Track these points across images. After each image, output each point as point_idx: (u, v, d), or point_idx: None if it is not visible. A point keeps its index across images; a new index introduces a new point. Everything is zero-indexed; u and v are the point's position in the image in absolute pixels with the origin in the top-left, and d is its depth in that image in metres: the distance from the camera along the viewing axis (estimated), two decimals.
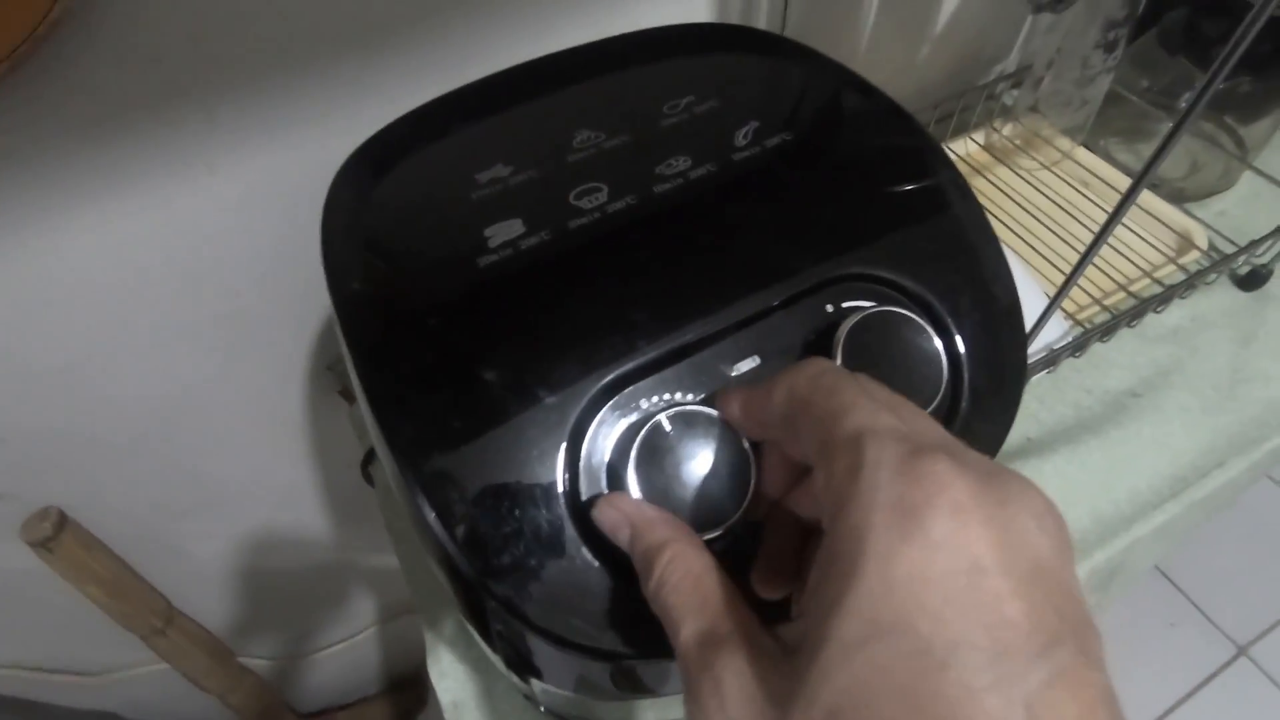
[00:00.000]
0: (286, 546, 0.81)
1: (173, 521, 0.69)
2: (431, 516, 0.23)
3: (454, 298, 0.25)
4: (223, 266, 0.50)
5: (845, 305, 0.27)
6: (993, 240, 0.29)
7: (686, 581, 0.20)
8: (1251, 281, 0.66)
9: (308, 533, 0.81)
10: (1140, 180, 0.39)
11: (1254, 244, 0.61)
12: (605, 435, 0.24)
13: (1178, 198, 0.71)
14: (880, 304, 0.26)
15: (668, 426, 0.24)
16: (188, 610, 0.81)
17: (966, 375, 0.27)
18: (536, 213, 0.27)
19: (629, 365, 0.25)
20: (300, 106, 0.43)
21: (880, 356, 0.25)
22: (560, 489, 0.24)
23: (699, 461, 0.23)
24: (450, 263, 0.26)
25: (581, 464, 0.24)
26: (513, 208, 0.27)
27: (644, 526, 0.22)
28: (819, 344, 0.26)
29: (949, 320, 0.27)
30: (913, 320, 0.26)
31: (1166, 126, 0.77)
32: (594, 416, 0.24)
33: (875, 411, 0.19)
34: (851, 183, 0.30)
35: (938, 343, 0.26)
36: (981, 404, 0.27)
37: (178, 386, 0.55)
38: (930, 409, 0.25)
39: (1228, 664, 1.27)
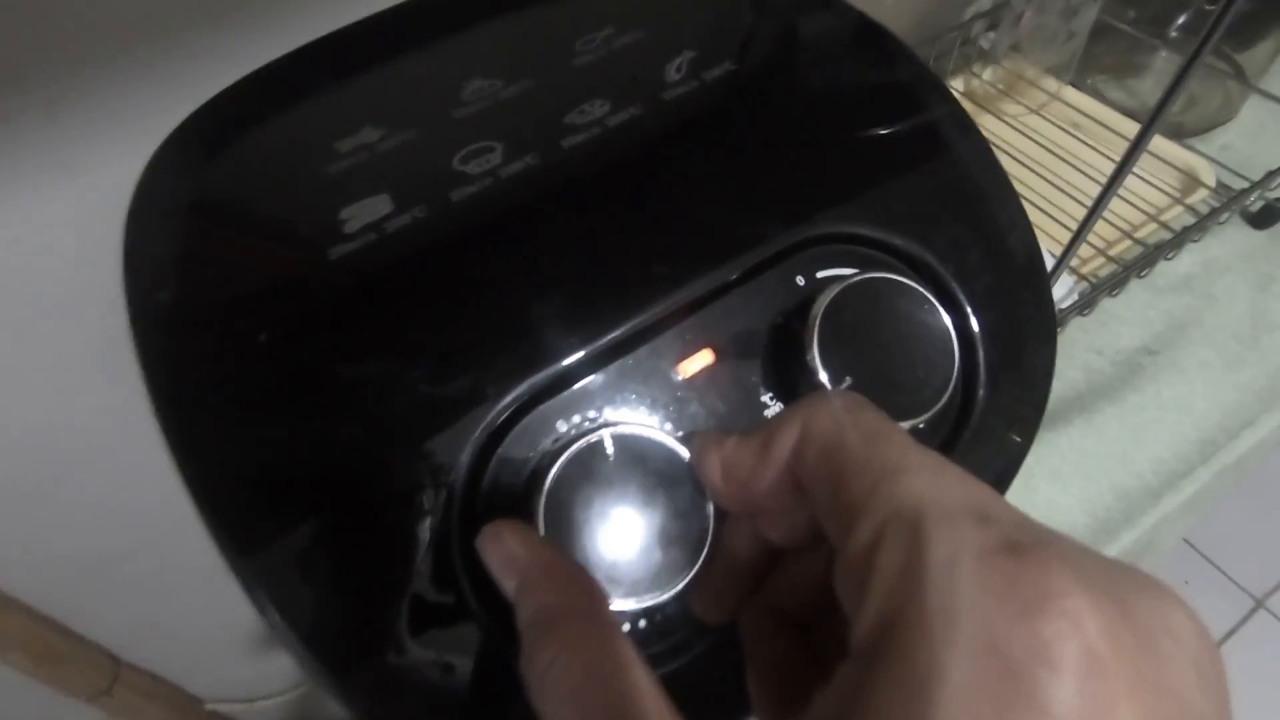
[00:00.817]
0: None
1: (105, 568, 0.63)
2: (276, 619, 0.16)
3: (294, 304, 0.19)
4: (106, 284, 0.43)
5: (820, 275, 0.21)
6: (1003, 182, 0.23)
7: (589, 690, 0.13)
8: (1266, 218, 0.60)
9: None
10: (1152, 122, 0.34)
11: (1270, 176, 0.55)
12: (510, 481, 0.18)
13: (1176, 133, 0.65)
14: (865, 270, 0.20)
15: (595, 453, 0.17)
16: (140, 661, 0.74)
17: (982, 354, 0.21)
18: (409, 184, 0.21)
19: (535, 378, 0.18)
20: (164, 91, 0.36)
21: (870, 339, 0.19)
22: (459, 564, 0.18)
23: (633, 505, 0.17)
24: (293, 258, 0.20)
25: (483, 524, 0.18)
26: (380, 180, 0.21)
27: (535, 577, 0.15)
28: (790, 329, 0.20)
29: (955, 286, 0.21)
30: (909, 288, 0.19)
31: (1158, 58, 0.71)
32: (490, 459, 0.18)
33: (938, 473, 0.13)
34: (818, 120, 0.23)
35: (944, 315, 0.20)
36: (1004, 389, 0.21)
37: (77, 420, 0.48)
38: (942, 402, 0.19)
39: (1246, 618, 1.24)
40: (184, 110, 0.36)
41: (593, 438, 0.17)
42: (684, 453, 0.17)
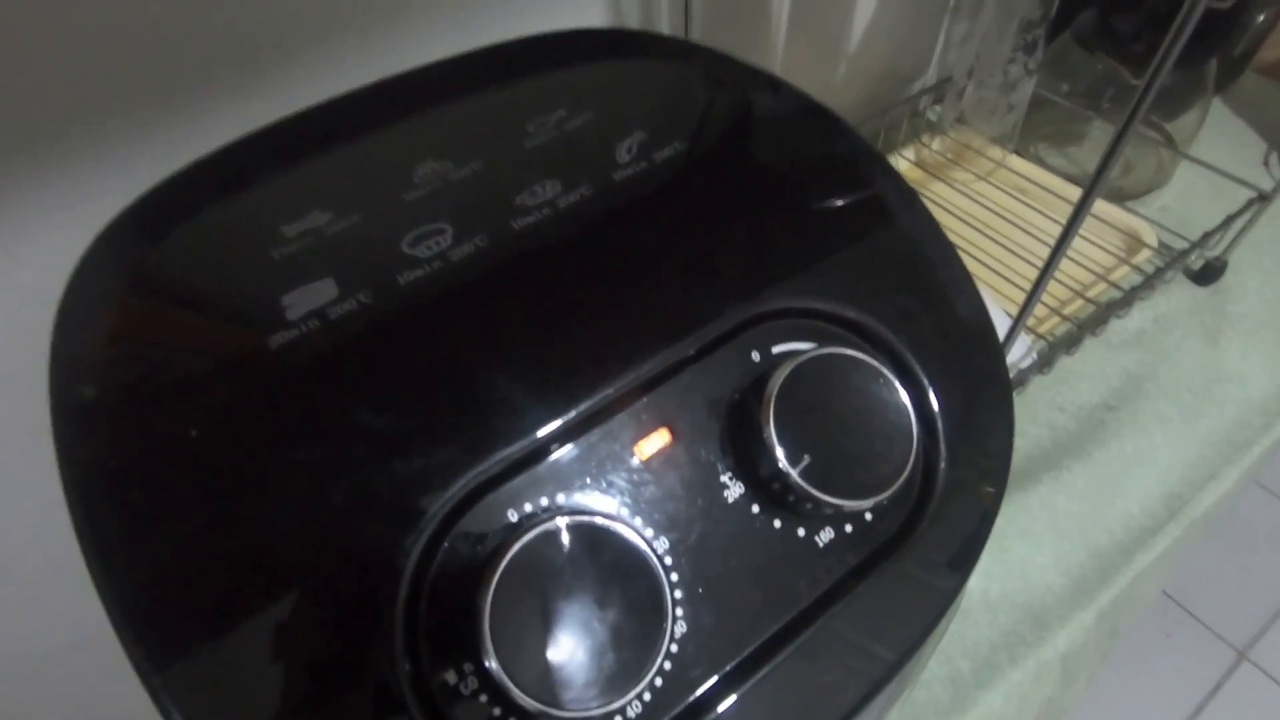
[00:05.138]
0: None
1: (36, 670, 0.58)
2: None
3: (229, 398, 0.18)
4: (43, 371, 0.42)
5: (775, 350, 0.21)
6: (948, 250, 0.23)
7: None
8: (1207, 276, 0.63)
9: None
10: (1094, 186, 0.35)
11: (1208, 235, 0.58)
12: (459, 576, 0.17)
13: (1116, 197, 0.69)
14: (820, 345, 0.20)
15: (546, 546, 0.17)
16: None
17: (941, 425, 0.21)
18: (356, 269, 0.20)
19: (484, 465, 0.18)
20: (108, 174, 0.36)
21: (826, 415, 0.19)
22: (403, 679, 0.16)
23: (586, 603, 0.16)
24: (230, 347, 0.19)
25: (425, 634, 0.17)
26: (325, 265, 0.21)
27: None
28: (746, 406, 0.20)
29: (908, 356, 0.21)
30: (863, 363, 0.19)
31: (1093, 127, 0.75)
32: (436, 553, 0.17)
33: None
34: (767, 198, 0.24)
35: (899, 389, 0.19)
36: (965, 457, 0.21)
37: (8, 519, 0.45)
38: (904, 477, 0.19)
39: (1231, 670, 1.23)
40: (130, 195, 0.36)
41: (543, 528, 0.17)
42: (640, 542, 0.17)
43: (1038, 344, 0.54)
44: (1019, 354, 0.52)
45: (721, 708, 0.18)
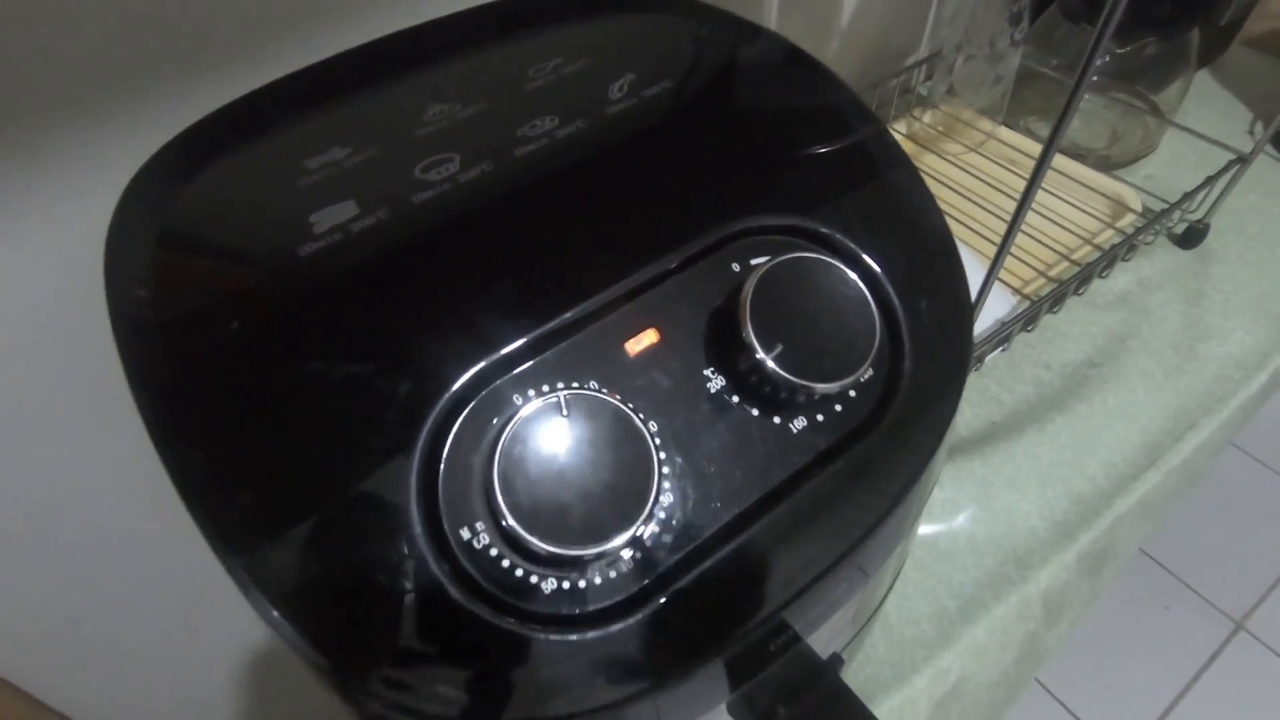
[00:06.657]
0: (218, 637, 0.72)
1: (65, 630, 0.61)
2: (273, 614, 0.17)
3: (265, 296, 0.20)
4: (80, 333, 0.44)
5: (754, 262, 0.23)
6: (909, 169, 0.25)
7: None
8: (1190, 239, 0.65)
9: (241, 619, 0.73)
10: (1053, 140, 0.37)
11: (1187, 197, 0.60)
12: (469, 453, 0.19)
13: (1105, 166, 0.70)
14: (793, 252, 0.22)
15: (547, 415, 0.19)
16: None
17: (904, 321, 0.23)
18: (373, 191, 0.23)
19: (493, 356, 0.20)
20: (147, 136, 0.38)
21: (797, 312, 0.21)
22: (419, 532, 0.19)
23: (582, 461, 0.18)
24: (264, 256, 0.21)
25: (443, 496, 0.19)
26: (346, 189, 0.23)
27: None
28: (726, 308, 0.22)
29: (874, 264, 0.23)
30: (830, 265, 0.21)
31: (1082, 97, 0.77)
32: (450, 430, 0.19)
33: None
34: (747, 128, 0.26)
35: (862, 287, 0.22)
36: (927, 354, 0.23)
37: (41, 481, 0.48)
38: (868, 367, 0.21)
39: (1228, 640, 1.25)
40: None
41: (544, 400, 0.19)
42: (628, 411, 0.19)
43: (1023, 303, 0.56)
44: (1004, 311, 0.54)
45: (703, 567, 0.20)
